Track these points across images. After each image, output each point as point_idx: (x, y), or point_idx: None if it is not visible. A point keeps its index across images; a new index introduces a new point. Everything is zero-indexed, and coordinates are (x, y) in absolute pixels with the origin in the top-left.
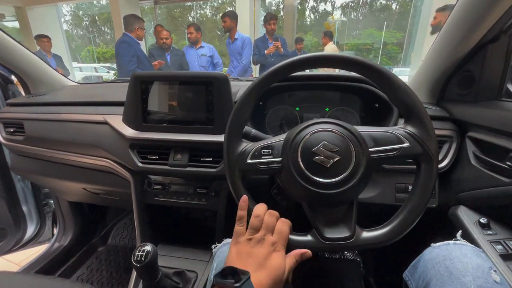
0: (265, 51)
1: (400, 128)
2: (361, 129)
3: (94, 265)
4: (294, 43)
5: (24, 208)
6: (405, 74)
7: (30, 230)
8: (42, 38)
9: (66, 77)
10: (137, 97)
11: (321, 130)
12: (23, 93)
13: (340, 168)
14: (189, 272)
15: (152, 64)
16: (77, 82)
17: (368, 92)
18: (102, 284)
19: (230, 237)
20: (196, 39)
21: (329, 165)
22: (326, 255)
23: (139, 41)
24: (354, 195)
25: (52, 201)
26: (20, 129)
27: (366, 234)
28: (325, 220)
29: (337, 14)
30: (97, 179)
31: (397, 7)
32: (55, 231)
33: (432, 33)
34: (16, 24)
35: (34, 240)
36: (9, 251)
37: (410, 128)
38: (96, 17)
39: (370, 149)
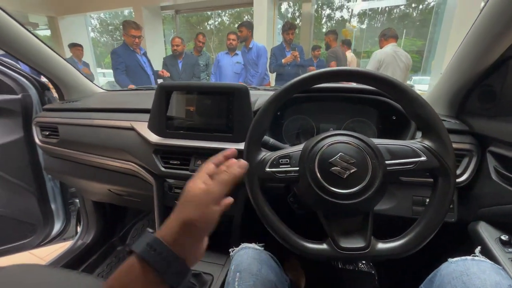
0: (283, 60)
1: (417, 142)
2: (377, 141)
3: (114, 263)
4: (310, 51)
5: (53, 206)
6: (425, 82)
7: (57, 227)
8: (77, 47)
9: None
10: (162, 105)
11: (338, 142)
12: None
13: (356, 180)
14: (205, 275)
15: (158, 73)
16: (105, 89)
17: (385, 105)
18: None
19: (247, 241)
20: (236, 46)
21: (345, 176)
22: (340, 266)
23: (134, 49)
24: (370, 207)
25: (77, 200)
26: (54, 133)
27: (381, 245)
28: (341, 229)
29: (353, 22)
30: (121, 181)
31: (418, 14)
32: (79, 229)
33: (326, 49)
34: (47, 32)
35: (59, 236)
36: (38, 245)
37: (427, 142)
38: (121, 26)
39: (387, 162)
